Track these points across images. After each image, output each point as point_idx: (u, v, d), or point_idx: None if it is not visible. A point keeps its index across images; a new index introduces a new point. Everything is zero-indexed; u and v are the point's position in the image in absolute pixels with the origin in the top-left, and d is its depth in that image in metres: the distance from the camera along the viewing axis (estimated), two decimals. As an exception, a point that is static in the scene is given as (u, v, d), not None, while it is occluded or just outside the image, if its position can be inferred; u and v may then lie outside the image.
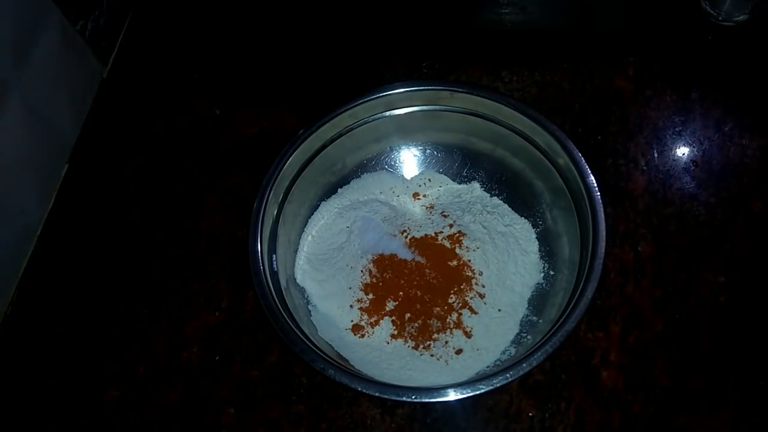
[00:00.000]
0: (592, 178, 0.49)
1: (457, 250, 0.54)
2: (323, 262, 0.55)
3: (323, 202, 0.58)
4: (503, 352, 0.50)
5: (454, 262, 0.54)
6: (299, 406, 0.51)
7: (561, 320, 0.45)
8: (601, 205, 0.48)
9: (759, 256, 0.54)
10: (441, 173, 0.59)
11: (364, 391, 0.44)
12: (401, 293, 0.53)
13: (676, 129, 0.61)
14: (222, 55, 0.71)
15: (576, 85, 0.64)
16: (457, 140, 0.58)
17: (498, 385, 0.43)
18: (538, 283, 0.53)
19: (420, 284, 0.53)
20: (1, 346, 0.55)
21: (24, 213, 0.59)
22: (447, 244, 0.55)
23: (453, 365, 0.50)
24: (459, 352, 0.50)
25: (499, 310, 0.52)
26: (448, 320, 0.52)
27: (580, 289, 0.46)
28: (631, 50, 0.66)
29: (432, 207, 0.58)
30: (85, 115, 0.66)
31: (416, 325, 0.52)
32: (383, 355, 0.51)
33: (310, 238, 0.56)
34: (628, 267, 0.54)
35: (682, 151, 0.60)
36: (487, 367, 0.50)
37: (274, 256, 0.51)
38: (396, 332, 0.52)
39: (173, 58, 0.70)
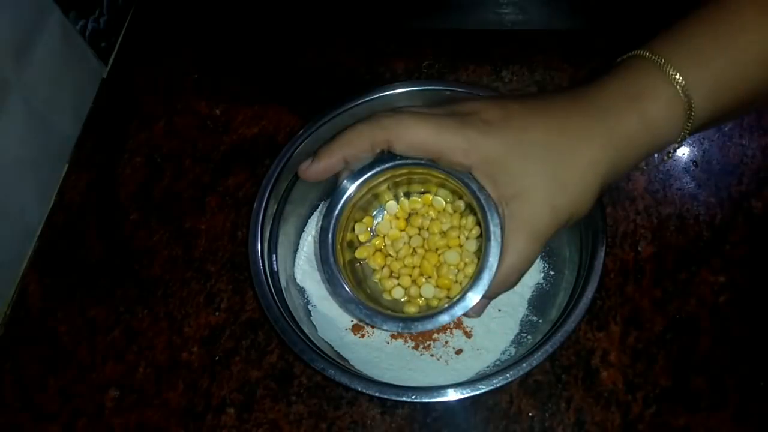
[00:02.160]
0: (592, 178, 0.49)
1: (457, 250, 0.54)
2: (323, 262, 0.55)
3: (323, 202, 0.58)
4: (503, 352, 0.50)
5: (454, 262, 0.54)
6: (299, 406, 0.51)
7: (561, 320, 0.45)
8: (601, 206, 0.48)
9: (759, 256, 0.54)
10: (441, 173, 0.59)
11: (364, 391, 0.44)
12: (401, 293, 0.53)
13: (676, 129, 0.61)
14: (222, 55, 0.70)
15: (576, 85, 0.64)
16: (457, 140, 0.58)
17: (498, 385, 0.43)
18: (538, 283, 0.53)
19: (420, 284, 0.53)
20: (1, 346, 0.55)
21: (24, 213, 0.58)
22: (447, 244, 0.55)
23: (453, 365, 0.50)
24: (459, 352, 0.50)
25: (499, 310, 0.52)
26: (448, 320, 0.52)
27: (580, 289, 0.46)
28: (631, 50, 0.66)
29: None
30: (85, 115, 0.66)
31: (416, 325, 0.52)
32: (383, 355, 0.51)
33: (310, 238, 0.56)
34: (628, 267, 0.54)
35: (682, 151, 0.60)
36: (487, 367, 0.50)
37: (274, 256, 0.51)
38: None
39: (173, 58, 0.70)
